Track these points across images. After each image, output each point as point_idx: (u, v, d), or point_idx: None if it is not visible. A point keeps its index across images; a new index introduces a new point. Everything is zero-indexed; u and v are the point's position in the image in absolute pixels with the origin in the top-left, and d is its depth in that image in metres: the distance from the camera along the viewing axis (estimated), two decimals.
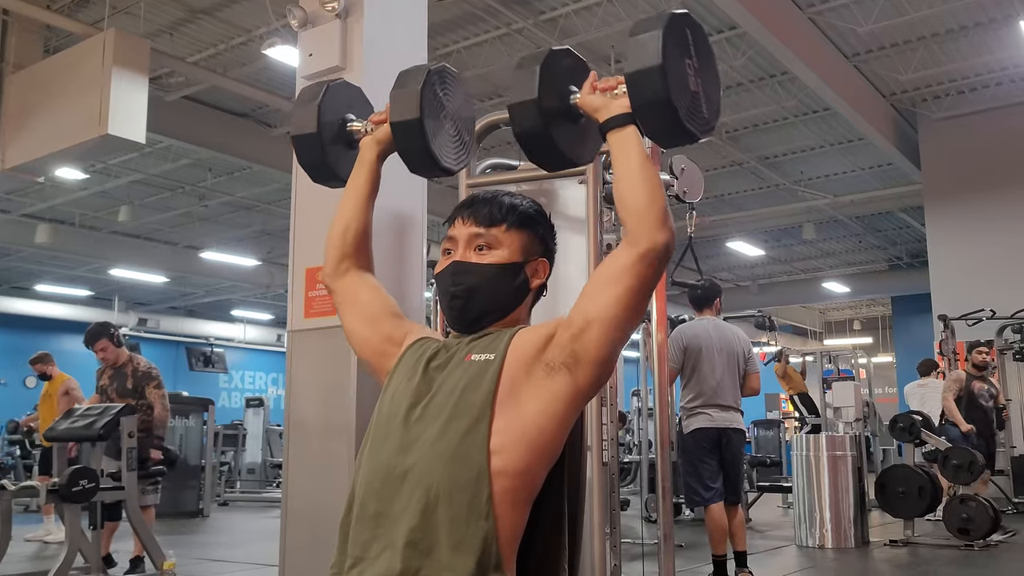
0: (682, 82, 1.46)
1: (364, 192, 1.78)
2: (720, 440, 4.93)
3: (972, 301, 10.07)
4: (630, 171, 1.44)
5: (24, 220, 13.74)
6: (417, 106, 1.68)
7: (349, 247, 1.76)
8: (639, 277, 1.39)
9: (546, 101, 1.54)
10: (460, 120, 1.81)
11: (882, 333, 22.91)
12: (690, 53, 1.50)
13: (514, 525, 1.38)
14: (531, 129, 1.55)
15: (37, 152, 6.78)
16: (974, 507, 6.57)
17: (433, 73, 1.73)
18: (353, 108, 1.91)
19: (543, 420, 1.40)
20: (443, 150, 1.75)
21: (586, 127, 1.60)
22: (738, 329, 5.20)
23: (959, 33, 9.07)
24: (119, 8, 7.89)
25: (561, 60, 1.60)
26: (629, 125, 1.47)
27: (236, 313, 21.51)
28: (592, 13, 8.35)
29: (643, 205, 1.40)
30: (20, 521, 6.37)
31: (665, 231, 1.39)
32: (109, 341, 5.61)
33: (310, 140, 1.84)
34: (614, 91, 1.51)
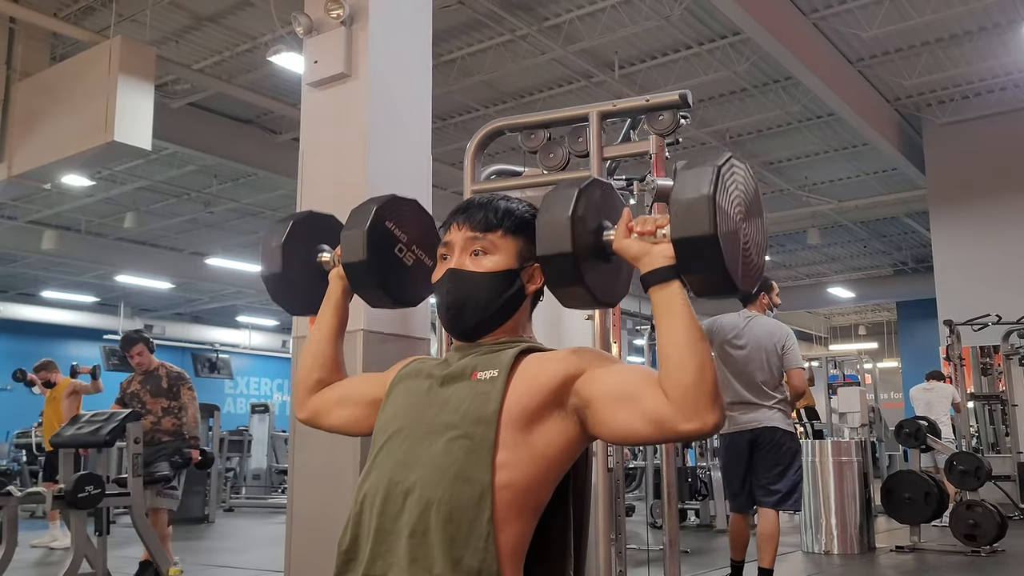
0: (734, 242, 1.33)
1: (331, 329, 1.80)
2: (755, 441, 4.62)
3: (978, 306, 10.05)
4: (675, 338, 1.32)
5: (30, 227, 13.79)
6: (363, 248, 1.68)
7: (314, 383, 1.78)
8: (668, 439, 1.35)
9: (580, 249, 1.41)
10: (420, 248, 1.81)
11: (887, 338, 22.87)
12: (735, 199, 1.36)
13: (519, 537, 1.38)
14: (566, 282, 1.44)
15: (43, 159, 6.81)
16: (981, 513, 6.55)
17: (383, 208, 1.73)
18: (327, 237, 1.89)
19: (551, 452, 1.40)
20: (399, 285, 1.76)
21: (619, 263, 1.50)
22: (775, 324, 4.85)
23: (963, 38, 9.06)
24: (125, 16, 7.92)
25: (592, 195, 1.46)
26: (674, 280, 1.34)
27: (241, 319, 21.53)
28: (596, 19, 8.36)
29: (692, 381, 1.29)
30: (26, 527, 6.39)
31: (716, 411, 1.28)
32: (145, 346, 5.71)
33: (278, 279, 1.86)
34: (653, 235, 1.38)
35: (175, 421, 5.52)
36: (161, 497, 5.37)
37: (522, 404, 1.40)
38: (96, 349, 16.97)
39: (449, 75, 9.17)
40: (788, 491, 4.59)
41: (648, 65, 9.34)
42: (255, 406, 14.92)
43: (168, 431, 5.50)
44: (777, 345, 4.71)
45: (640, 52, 9.15)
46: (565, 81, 9.69)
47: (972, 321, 9.95)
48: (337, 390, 1.76)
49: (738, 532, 4.70)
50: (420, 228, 1.82)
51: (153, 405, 5.53)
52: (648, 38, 8.82)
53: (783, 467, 4.60)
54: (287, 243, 1.85)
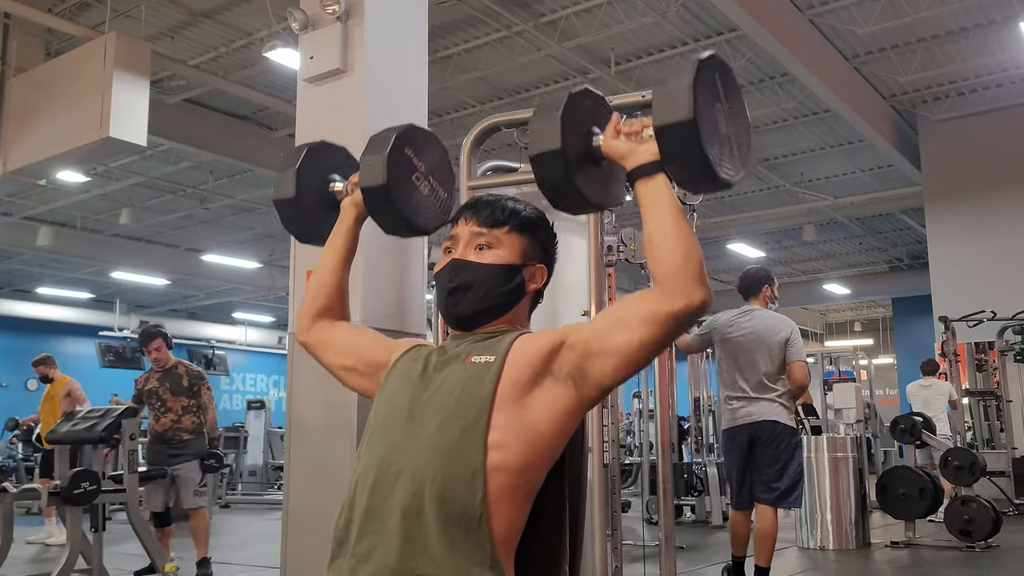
0: (713, 130, 1.40)
1: (340, 255, 1.81)
2: (754, 436, 4.55)
3: (973, 302, 10.07)
4: (662, 225, 1.38)
5: (25, 223, 13.76)
6: (384, 172, 1.69)
7: (320, 309, 1.80)
8: (666, 331, 1.37)
9: (569, 149, 1.48)
10: (435, 178, 1.81)
11: (883, 334, 22.91)
12: (720, 96, 1.44)
13: (512, 522, 1.38)
14: (556, 182, 1.50)
15: (38, 155, 6.79)
16: (975, 508, 6.57)
17: (402, 135, 1.74)
18: (338, 167, 1.91)
19: (543, 425, 1.41)
20: (416, 212, 1.76)
21: (610, 169, 1.55)
22: (778, 318, 4.79)
23: (959, 35, 9.07)
24: (120, 11, 7.90)
25: (582, 102, 1.54)
26: (658, 174, 1.41)
27: (237, 315, 21.52)
28: (592, 15, 8.36)
29: (679, 262, 1.35)
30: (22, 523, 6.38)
31: (702, 288, 1.34)
32: (163, 341, 5.67)
33: (290, 205, 1.86)
34: (640, 135, 1.45)
35: (195, 420, 5.51)
36: (197, 497, 5.41)
37: (514, 383, 1.42)
38: (91, 346, 16.96)
39: (445, 71, 9.16)
40: (788, 488, 4.53)
41: (644, 61, 9.34)
42: (251, 402, 14.92)
43: (189, 429, 5.48)
44: (781, 338, 4.64)
45: (636, 48, 9.15)
46: (561, 77, 9.69)
47: (967, 317, 9.97)
48: (347, 333, 1.77)
49: (739, 529, 4.64)
50: (436, 158, 1.83)
51: (174, 403, 5.49)
52: (644, 34, 8.82)
53: (783, 463, 4.53)
54: (301, 168, 1.86)
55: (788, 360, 4.64)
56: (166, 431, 5.44)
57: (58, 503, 4.60)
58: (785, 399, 4.64)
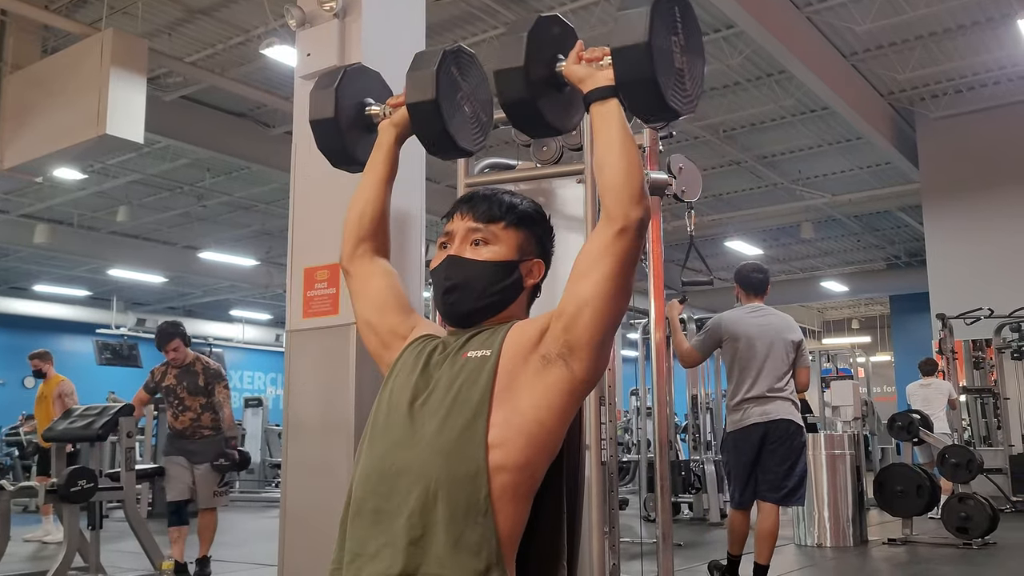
0: (667, 59, 1.45)
1: (382, 175, 1.80)
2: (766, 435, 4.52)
3: (970, 300, 10.08)
4: (609, 145, 1.44)
5: (22, 220, 13.73)
6: (433, 87, 1.68)
7: (366, 230, 1.77)
8: (619, 254, 1.40)
9: (532, 69, 1.53)
10: (477, 101, 1.80)
11: (880, 332, 22.94)
12: (676, 30, 1.49)
13: (515, 521, 1.38)
14: (517, 97, 1.54)
15: (35, 152, 6.78)
16: (972, 506, 6.58)
17: (449, 54, 1.73)
18: (372, 92, 1.91)
19: (542, 413, 1.40)
20: (460, 131, 1.74)
21: (571, 96, 1.60)
22: (789, 319, 4.82)
23: (957, 32, 9.07)
24: (117, 8, 7.88)
25: (550, 27, 1.59)
26: (612, 98, 1.46)
27: (235, 313, 21.49)
28: (589, 12, 8.35)
29: (620, 180, 1.41)
30: (19, 521, 6.38)
31: (640, 207, 1.40)
32: (181, 341, 5.55)
33: (328, 125, 1.85)
34: (599, 62, 1.50)
35: (213, 416, 5.43)
36: (216, 497, 5.36)
37: (510, 375, 1.42)
38: (89, 343, 16.94)
39: None
40: (795, 487, 4.53)
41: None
42: (249, 400, 14.92)
43: (208, 426, 5.42)
44: (795, 338, 4.70)
45: None
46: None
47: (965, 315, 9.98)
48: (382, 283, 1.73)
49: (740, 528, 4.62)
50: (479, 82, 1.82)
51: (192, 403, 5.42)
52: None
53: (792, 462, 4.53)
54: (340, 88, 1.85)
55: (798, 365, 4.68)
56: (185, 428, 5.40)
57: (55, 501, 4.60)
58: (794, 397, 4.66)
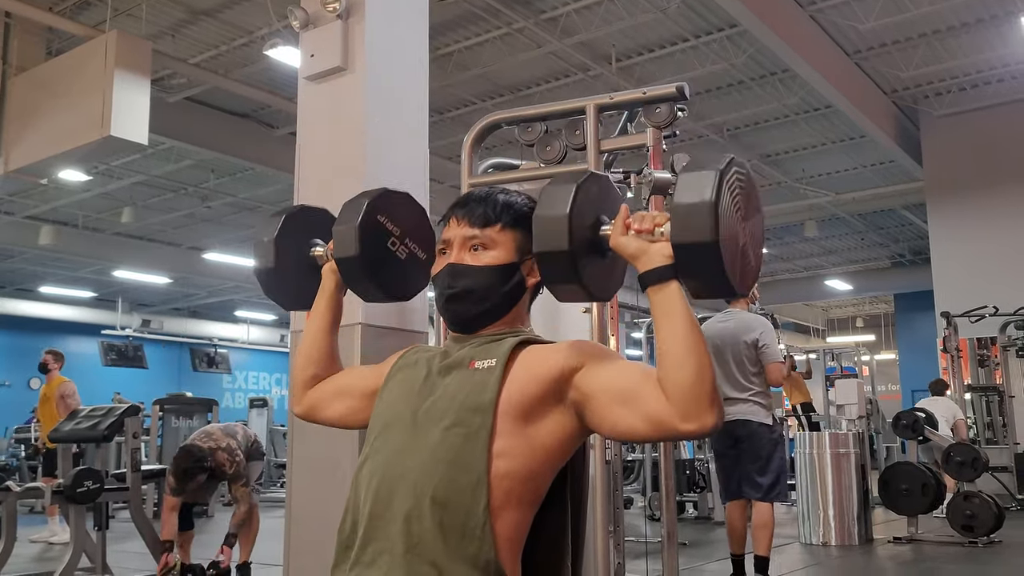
0: (734, 247, 1.31)
1: (326, 323, 1.80)
2: (734, 434, 4.70)
3: (975, 298, 10.06)
4: (674, 337, 1.30)
5: (27, 222, 13.76)
6: (356, 243, 1.67)
7: (310, 378, 1.78)
8: (667, 438, 1.38)
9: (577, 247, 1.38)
10: (413, 241, 1.79)
11: (885, 330, 22.89)
12: (737, 203, 1.34)
13: (517, 527, 1.38)
14: (562, 279, 1.42)
15: (40, 154, 6.80)
16: (978, 504, 6.57)
17: (375, 202, 1.71)
18: (319, 231, 1.88)
19: (550, 442, 1.40)
20: (391, 279, 1.75)
21: (614, 259, 1.46)
22: (752, 317, 4.91)
23: (960, 30, 9.06)
24: (121, 10, 7.90)
25: (589, 190, 1.43)
26: (672, 280, 1.32)
27: (239, 314, 21.52)
28: (593, 12, 8.35)
29: (690, 381, 1.28)
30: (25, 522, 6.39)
31: (715, 412, 1.28)
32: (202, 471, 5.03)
33: (269, 275, 1.85)
34: (651, 233, 1.36)
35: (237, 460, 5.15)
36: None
37: (520, 393, 1.40)
38: (94, 344, 17.00)
39: (446, 69, 9.15)
40: (771, 483, 4.67)
41: (645, 58, 9.33)
42: (253, 400, 14.93)
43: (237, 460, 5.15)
44: (751, 337, 4.76)
45: (637, 45, 9.14)
46: (562, 74, 9.68)
47: (969, 313, 9.96)
48: (335, 383, 1.76)
49: (735, 522, 4.75)
50: (412, 221, 1.80)
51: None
52: (645, 31, 8.81)
53: (764, 459, 4.68)
54: (280, 238, 1.84)
55: (764, 362, 4.76)
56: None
57: (61, 502, 4.61)
58: (761, 397, 4.75)
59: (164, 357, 20.06)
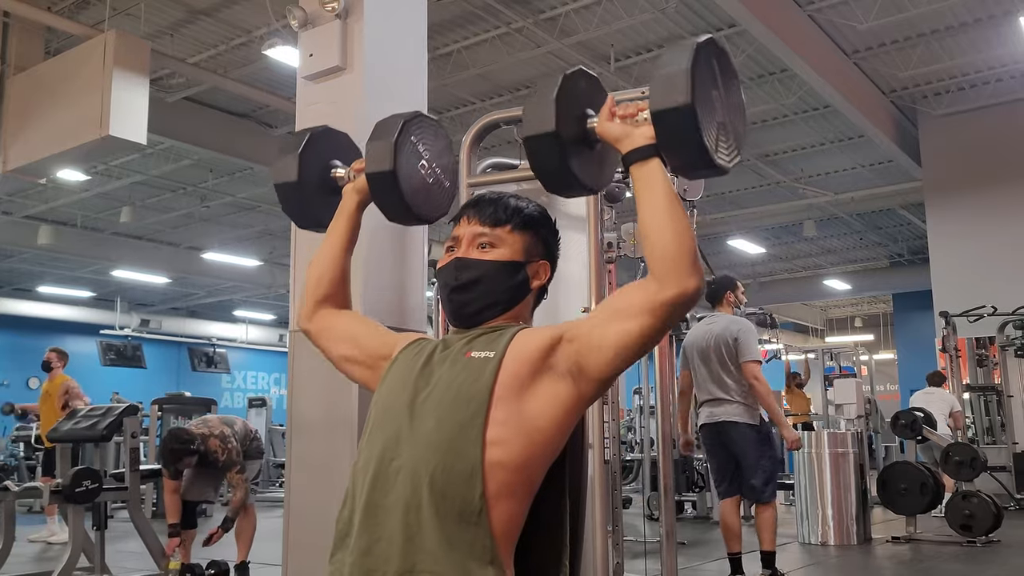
0: (710, 117, 1.39)
1: (342, 242, 1.81)
2: (721, 435, 4.81)
3: (973, 297, 10.07)
4: (656, 209, 1.37)
5: (26, 222, 13.75)
6: (391, 158, 1.68)
7: (323, 294, 1.79)
8: (662, 319, 1.36)
9: (564, 132, 1.46)
10: (439, 167, 1.81)
11: (883, 330, 22.90)
12: (717, 84, 1.43)
13: (511, 519, 1.39)
14: (550, 165, 1.49)
15: (38, 154, 6.79)
16: (976, 504, 6.57)
17: (409, 122, 1.73)
18: (339, 153, 1.91)
19: (542, 421, 1.41)
20: (420, 200, 1.76)
21: (604, 152, 1.54)
22: (733, 319, 4.98)
23: (959, 29, 9.06)
24: (119, 9, 7.89)
25: (576, 84, 1.53)
26: (653, 158, 1.40)
27: (238, 313, 21.52)
28: (591, 12, 8.35)
29: (671, 248, 1.34)
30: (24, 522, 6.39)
31: (695, 276, 1.34)
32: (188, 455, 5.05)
33: (290, 189, 1.86)
34: (635, 118, 1.45)
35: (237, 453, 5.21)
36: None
37: (513, 377, 1.42)
38: (93, 344, 16.98)
39: (444, 68, 9.15)
40: (763, 484, 4.74)
41: (644, 58, 9.32)
42: (252, 400, 14.94)
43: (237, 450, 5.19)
44: (730, 338, 4.82)
45: (636, 45, 9.14)
46: (561, 74, 9.67)
47: (968, 313, 9.97)
48: (347, 323, 1.76)
49: (729, 520, 4.81)
50: (439, 147, 1.83)
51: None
52: (644, 31, 8.81)
53: (753, 460, 4.75)
54: (305, 152, 1.86)
55: (739, 359, 4.79)
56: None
57: (60, 501, 4.61)
58: (745, 398, 4.79)
59: (163, 357, 20.05)
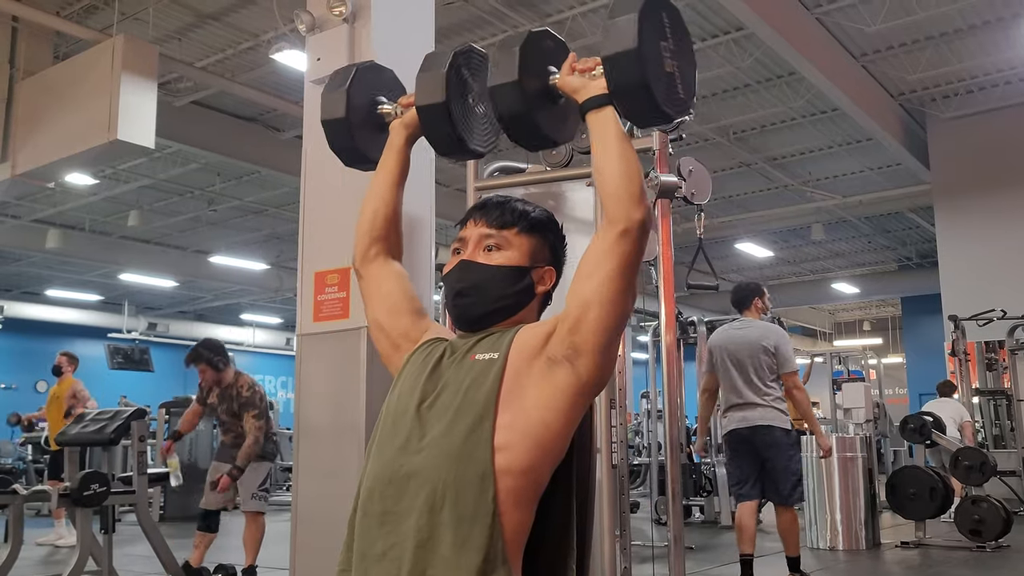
0: (658, 64, 1.47)
1: (393, 177, 1.80)
2: (752, 440, 4.83)
3: (982, 301, 10.02)
4: (607, 150, 1.45)
5: (34, 225, 13.81)
6: (442, 89, 1.67)
7: (378, 231, 1.77)
8: (621, 256, 1.40)
9: (527, 82, 1.55)
10: (488, 101, 1.78)
11: (892, 334, 22.83)
12: (666, 35, 1.50)
13: (519, 523, 1.38)
14: (512, 110, 1.56)
15: (47, 158, 6.82)
16: (986, 509, 6.54)
17: (459, 55, 1.73)
18: (384, 90, 1.90)
19: (547, 415, 1.41)
20: (471, 133, 1.74)
21: (566, 107, 1.62)
22: (768, 327, 5.07)
23: (967, 32, 9.03)
24: (128, 14, 7.92)
25: (542, 41, 1.61)
26: (607, 106, 1.48)
27: (245, 317, 21.56)
28: (599, 16, 8.34)
29: (619, 183, 1.42)
30: (31, 525, 6.41)
31: (640, 208, 1.41)
32: (208, 365, 5.35)
33: (339, 125, 1.84)
34: (592, 72, 1.51)
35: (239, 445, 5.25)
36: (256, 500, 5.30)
37: (517, 375, 1.43)
38: (100, 348, 17.01)
39: None
40: (792, 487, 4.82)
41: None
42: None
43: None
44: (768, 344, 4.90)
45: None
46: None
47: (977, 316, 9.92)
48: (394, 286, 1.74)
49: (746, 521, 4.82)
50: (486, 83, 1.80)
51: (232, 425, 5.35)
52: None
53: (783, 464, 4.80)
54: (352, 87, 1.84)
55: (780, 371, 4.91)
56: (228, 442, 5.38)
57: (68, 505, 4.60)
58: (779, 403, 4.89)
59: (170, 360, 20.04)
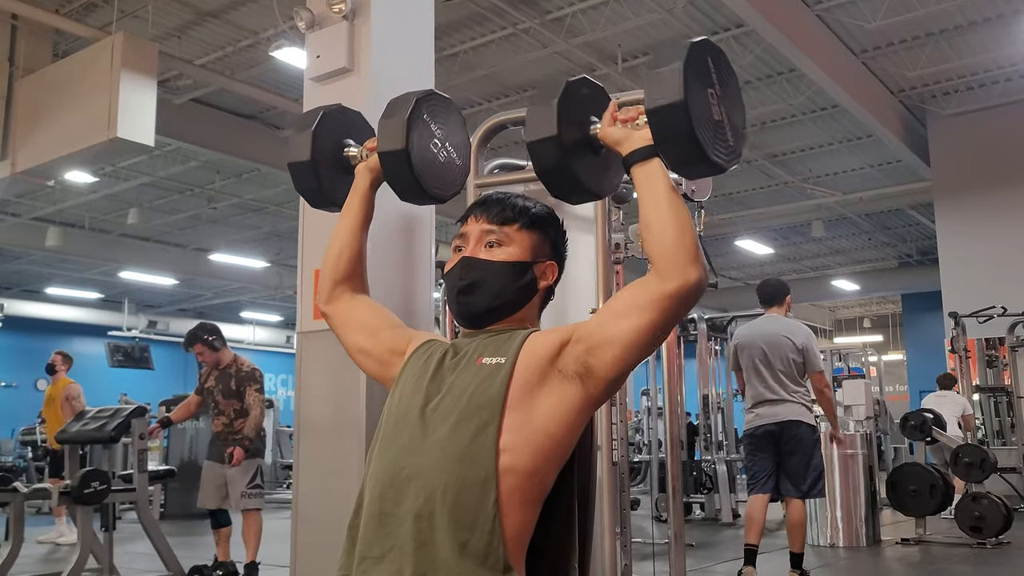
0: (705, 113, 1.41)
1: (356, 220, 1.81)
2: (778, 435, 4.86)
3: (983, 298, 10.02)
4: (657, 206, 1.40)
5: (34, 223, 13.80)
6: (403, 136, 1.67)
7: (342, 274, 1.79)
8: (666, 313, 1.37)
9: (566, 136, 1.49)
10: (452, 146, 1.80)
11: (892, 331, 22.83)
12: (712, 82, 1.45)
13: (522, 524, 1.38)
14: (553, 166, 1.50)
15: (47, 156, 6.81)
16: (986, 505, 6.54)
17: (421, 101, 1.72)
18: (352, 132, 1.90)
19: (552, 426, 1.40)
20: (431, 179, 1.75)
21: (608, 158, 1.56)
22: (796, 324, 5.12)
23: (968, 29, 9.02)
24: (127, 12, 7.91)
25: (579, 90, 1.55)
26: (653, 158, 1.43)
27: (245, 315, 21.55)
28: (599, 12, 8.34)
29: (672, 241, 1.36)
30: (32, 523, 6.40)
31: (697, 267, 1.36)
32: (204, 346, 5.45)
33: (304, 167, 1.85)
34: (635, 122, 1.47)
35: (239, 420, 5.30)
36: (247, 499, 5.24)
37: (525, 384, 1.42)
38: (100, 345, 17.02)
39: (452, 69, 9.15)
40: (813, 482, 4.88)
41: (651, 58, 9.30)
42: None
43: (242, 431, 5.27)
44: (797, 342, 4.95)
45: (643, 45, 9.12)
46: (568, 74, 9.53)
47: (977, 313, 9.92)
48: (365, 313, 1.76)
49: (756, 514, 4.86)
50: (452, 125, 1.82)
51: (226, 407, 5.33)
52: (651, 31, 8.79)
53: (807, 460, 4.86)
54: (318, 131, 1.85)
55: (807, 370, 4.97)
56: (220, 432, 5.33)
57: (68, 503, 4.61)
58: (805, 399, 4.95)
59: (170, 358, 20.07)
